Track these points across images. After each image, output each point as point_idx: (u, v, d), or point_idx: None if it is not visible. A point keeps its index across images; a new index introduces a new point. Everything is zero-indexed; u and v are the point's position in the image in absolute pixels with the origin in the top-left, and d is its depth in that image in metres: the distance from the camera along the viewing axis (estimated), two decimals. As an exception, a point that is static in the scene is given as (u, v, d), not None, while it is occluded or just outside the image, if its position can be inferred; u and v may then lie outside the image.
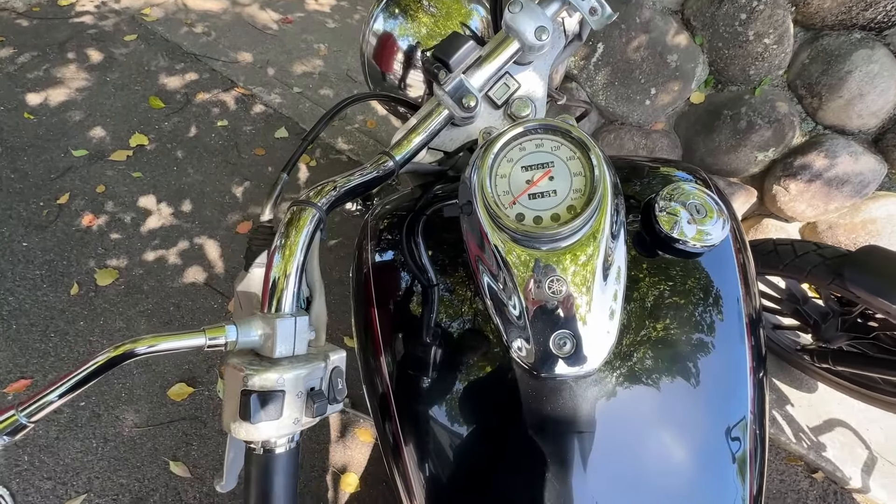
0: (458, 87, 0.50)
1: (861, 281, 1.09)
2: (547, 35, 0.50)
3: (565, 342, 0.42)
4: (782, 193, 1.82)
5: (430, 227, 0.57)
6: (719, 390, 0.46)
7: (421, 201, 0.60)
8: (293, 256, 0.39)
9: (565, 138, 0.44)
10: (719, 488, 0.44)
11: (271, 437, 0.34)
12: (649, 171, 0.58)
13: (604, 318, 0.42)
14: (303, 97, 2.13)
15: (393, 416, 0.50)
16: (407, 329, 0.52)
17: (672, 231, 0.45)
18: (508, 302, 0.44)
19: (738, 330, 0.46)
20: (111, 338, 1.29)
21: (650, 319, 0.46)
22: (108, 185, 1.61)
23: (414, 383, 0.49)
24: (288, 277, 0.38)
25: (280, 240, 0.40)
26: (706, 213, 0.45)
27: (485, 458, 0.46)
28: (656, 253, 0.49)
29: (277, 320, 0.35)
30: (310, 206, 0.41)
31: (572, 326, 0.41)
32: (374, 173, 0.49)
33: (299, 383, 0.34)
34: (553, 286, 0.42)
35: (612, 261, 0.43)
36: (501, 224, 0.42)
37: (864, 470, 1.48)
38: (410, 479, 0.49)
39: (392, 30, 0.71)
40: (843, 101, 1.61)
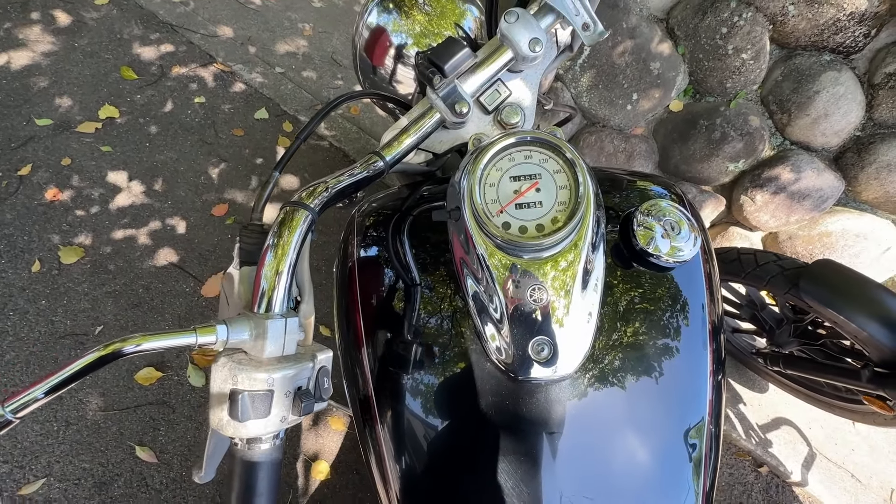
0: (451, 92, 0.51)
1: (815, 292, 1.16)
2: (540, 47, 0.51)
3: (543, 348, 0.44)
4: (749, 203, 1.91)
5: (415, 227, 0.57)
6: (681, 394, 0.49)
7: (408, 201, 0.61)
8: (285, 257, 0.39)
9: (553, 152, 0.46)
10: (677, 485, 0.47)
11: (258, 435, 0.35)
12: (629, 184, 0.60)
13: (580, 326, 0.45)
14: (285, 78, 2.07)
15: (372, 408, 0.51)
16: (389, 325, 0.53)
17: (647, 246, 0.47)
18: (490, 306, 0.46)
19: (701, 338, 0.50)
20: (75, 318, 1.25)
21: (622, 327, 0.49)
22: (75, 158, 1.54)
23: (394, 379, 0.51)
24: (279, 278, 0.38)
25: (272, 240, 0.40)
26: (679, 231, 0.48)
27: (460, 454, 0.48)
28: (631, 265, 0.51)
29: (268, 321, 0.36)
30: (302, 208, 0.41)
31: (550, 333, 0.43)
32: (364, 173, 0.49)
33: (287, 383, 0.35)
34: (534, 294, 0.44)
35: (591, 271, 0.46)
36: (488, 231, 0.44)
37: (805, 465, 1.59)
38: (387, 470, 0.50)
39: (386, 24, 0.71)
40: (809, 120, 1.69)
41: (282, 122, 1.89)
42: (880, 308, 1.10)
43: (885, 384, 1.08)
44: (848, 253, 1.83)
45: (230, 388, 0.34)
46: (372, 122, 2.06)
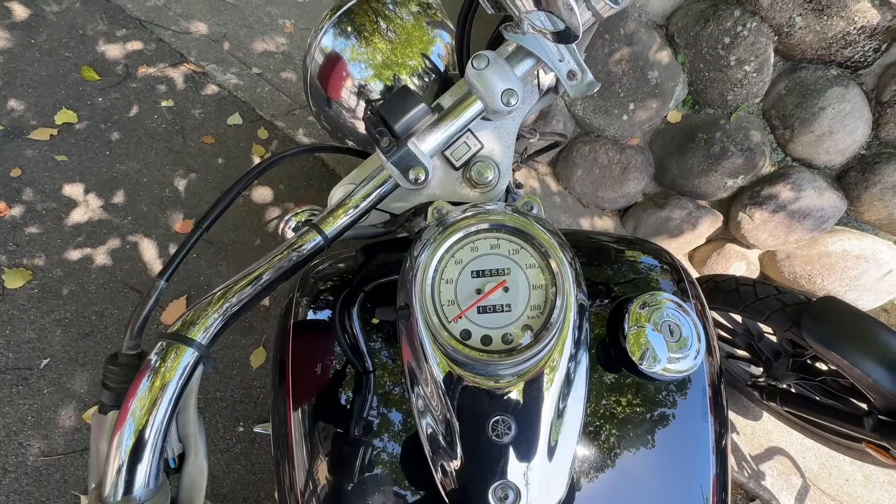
0: (404, 156, 0.41)
1: (818, 333, 1.08)
2: (516, 99, 0.41)
3: (508, 494, 0.35)
4: (747, 221, 1.83)
5: (367, 305, 0.48)
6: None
7: (363, 271, 0.51)
8: (155, 411, 0.30)
9: (525, 242, 0.37)
10: None
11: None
12: (617, 255, 0.51)
13: (555, 469, 0.36)
14: (262, 80, 1.95)
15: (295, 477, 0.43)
16: (323, 408, 0.44)
17: (642, 362, 0.38)
18: (442, 433, 0.37)
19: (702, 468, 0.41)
20: (18, 351, 1.14)
21: (605, 455, 0.40)
22: (26, 169, 1.41)
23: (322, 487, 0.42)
24: (143, 443, 0.29)
25: (139, 385, 0.30)
26: (679, 338, 0.39)
27: None
28: (619, 369, 0.42)
29: None
30: (184, 344, 0.32)
31: (516, 477, 0.35)
32: (291, 260, 0.39)
33: None
34: (497, 427, 0.35)
35: (570, 392, 0.37)
36: (442, 341, 0.35)
37: (798, 498, 1.53)
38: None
39: (342, 50, 0.60)
40: (813, 137, 1.61)
41: (257, 129, 1.77)
42: (887, 353, 1.02)
43: (890, 435, 1.01)
44: (849, 275, 1.77)
45: None
46: (354, 129, 1.95)
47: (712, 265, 2.01)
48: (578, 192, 2.11)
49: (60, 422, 1.09)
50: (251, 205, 1.57)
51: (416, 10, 0.63)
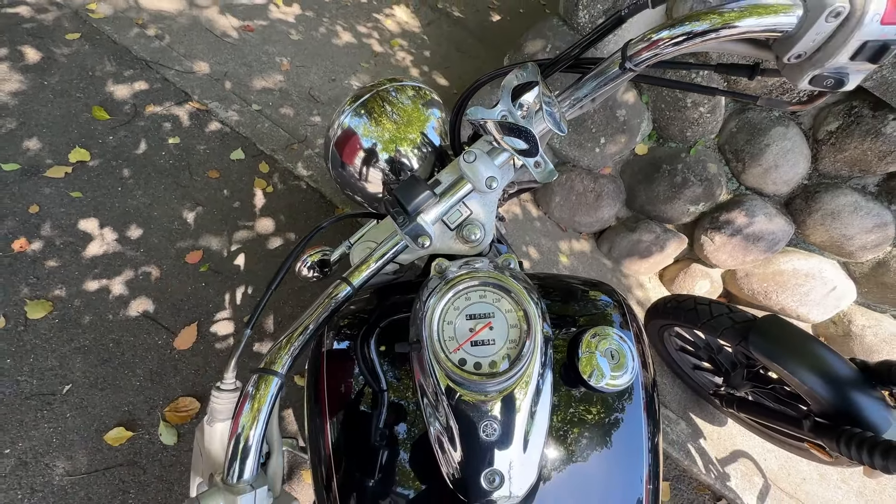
0: (414, 228, 0.55)
1: (761, 347, 1.25)
2: (496, 183, 0.56)
3: (495, 478, 0.48)
4: (708, 243, 2.02)
5: (383, 337, 0.61)
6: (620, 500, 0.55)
7: (378, 309, 0.64)
8: (256, 424, 0.42)
9: (505, 294, 0.51)
10: None
11: None
12: (580, 294, 0.65)
13: (529, 455, 0.49)
14: (261, 116, 2.08)
15: (331, 473, 0.54)
16: (351, 419, 0.57)
17: (590, 378, 0.52)
18: (446, 434, 0.50)
19: (637, 455, 0.55)
20: (42, 377, 1.23)
21: (567, 450, 0.53)
22: (44, 206, 1.51)
23: (356, 484, 0.54)
24: (249, 446, 0.41)
25: (244, 406, 0.43)
26: (620, 362, 0.53)
27: None
28: (576, 384, 0.56)
29: (239, 498, 0.39)
30: (271, 375, 0.44)
31: (502, 465, 0.48)
32: (328, 309, 0.52)
33: None
34: (487, 429, 0.48)
35: (539, 401, 0.50)
36: (445, 367, 0.48)
37: (760, 497, 1.68)
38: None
39: (357, 127, 0.75)
40: (761, 169, 1.80)
41: (258, 163, 1.89)
42: (820, 364, 1.19)
43: (824, 434, 1.17)
44: (799, 291, 1.96)
45: None
46: (349, 161, 2.09)
47: (680, 283, 2.19)
48: (557, 218, 2.28)
49: (83, 443, 1.17)
50: (256, 235, 1.68)
51: (412, 94, 0.78)
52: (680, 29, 0.44)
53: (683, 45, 0.45)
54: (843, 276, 1.93)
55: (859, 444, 1.06)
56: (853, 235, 1.77)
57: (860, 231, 1.75)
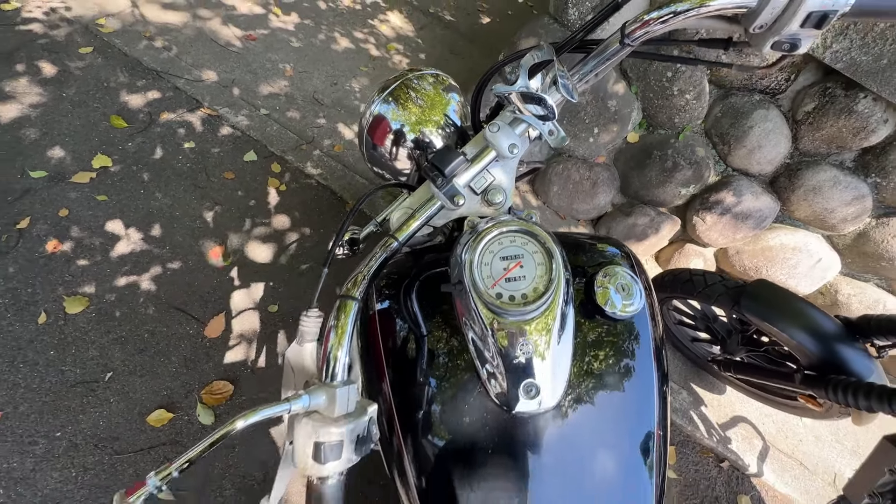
0: (450, 189, 0.65)
1: (753, 309, 1.35)
2: (517, 149, 0.66)
3: (531, 389, 0.57)
4: (700, 224, 2.13)
5: (423, 288, 0.71)
6: (636, 417, 0.64)
7: (415, 267, 0.74)
8: (343, 337, 0.51)
9: (532, 238, 0.60)
10: (637, 487, 0.61)
11: (333, 473, 0.46)
12: (590, 247, 0.75)
13: (559, 370, 0.58)
14: (270, 119, 2.17)
15: (397, 435, 0.63)
16: (406, 368, 0.66)
17: (605, 305, 0.62)
18: (489, 356, 0.59)
19: (649, 375, 0.65)
20: (84, 367, 1.30)
21: (589, 367, 0.63)
22: (72, 209, 1.59)
23: (411, 412, 0.63)
24: (339, 354, 0.50)
25: (333, 322, 0.52)
26: (629, 292, 0.63)
27: (466, 470, 0.60)
28: (594, 316, 0.66)
29: (337, 389, 0.48)
30: (351, 300, 0.54)
31: (535, 376, 0.57)
32: (385, 255, 0.62)
33: (351, 433, 0.47)
34: (522, 347, 0.57)
35: (564, 326, 0.60)
36: (485, 301, 0.57)
37: (760, 458, 1.78)
38: (409, 480, 0.62)
39: (386, 113, 0.84)
40: (746, 150, 1.92)
41: (270, 163, 1.98)
42: (807, 321, 1.30)
43: (813, 385, 1.27)
44: (787, 265, 2.07)
45: (313, 440, 0.45)
46: (355, 160, 2.18)
47: (675, 263, 2.30)
48: (555, 206, 2.39)
49: (128, 425, 1.25)
50: (273, 230, 1.77)
51: (432, 81, 0.88)
52: (666, 9, 0.55)
53: (669, 22, 0.55)
54: (827, 249, 2.05)
55: (845, 388, 1.17)
56: (834, 208, 1.88)
57: (840, 204, 1.86)
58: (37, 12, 2.18)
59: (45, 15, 2.19)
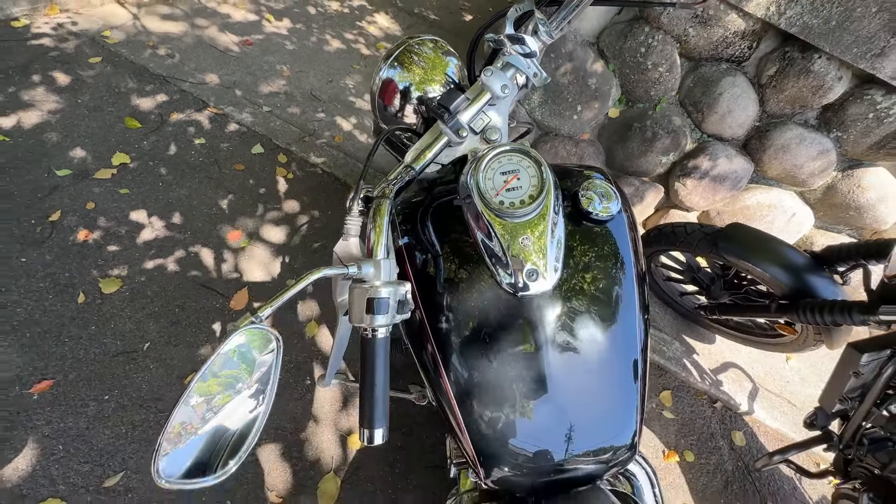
0: (455, 124, 0.79)
1: (729, 249, 1.50)
2: (507, 89, 0.80)
3: (532, 274, 0.71)
4: (682, 189, 2.28)
5: (437, 210, 0.84)
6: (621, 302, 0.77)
7: (428, 196, 0.87)
8: (381, 225, 0.64)
9: (525, 156, 0.74)
10: (626, 348, 0.75)
11: (382, 326, 0.59)
12: (577, 172, 0.89)
13: (553, 259, 0.72)
14: (272, 115, 2.31)
15: (423, 321, 0.76)
16: (429, 278, 0.79)
17: (588, 208, 0.76)
18: (496, 252, 0.72)
19: (630, 267, 0.78)
20: (123, 339, 1.42)
21: (579, 258, 0.77)
22: (98, 202, 1.72)
23: (437, 301, 0.76)
24: (381, 238, 0.63)
25: (372, 216, 0.65)
26: (608, 198, 0.77)
27: (482, 342, 0.74)
28: (581, 222, 0.80)
29: (381, 261, 0.61)
30: (384, 198, 0.67)
31: (536, 265, 0.70)
32: (406, 178, 0.75)
33: (394, 296, 0.60)
34: (524, 242, 0.71)
35: (556, 225, 0.73)
36: (491, 207, 0.71)
37: (750, 397, 1.92)
38: (434, 352, 0.75)
39: (393, 76, 0.98)
40: (718, 116, 2.08)
41: (276, 155, 2.12)
42: (778, 256, 1.44)
43: (787, 311, 1.42)
44: (764, 221, 2.22)
45: (367, 298, 0.58)
46: (354, 148, 2.32)
47: (661, 228, 2.43)
48: (547, 182, 2.52)
49: (168, 387, 1.37)
50: (284, 214, 1.90)
51: (431, 45, 1.02)
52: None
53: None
54: (800, 204, 2.20)
55: (813, 309, 1.31)
56: (802, 164, 2.04)
57: (807, 159, 2.02)
58: (45, 28, 2.31)
59: (53, 30, 2.32)
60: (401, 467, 1.40)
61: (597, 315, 0.76)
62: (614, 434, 0.75)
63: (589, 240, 0.79)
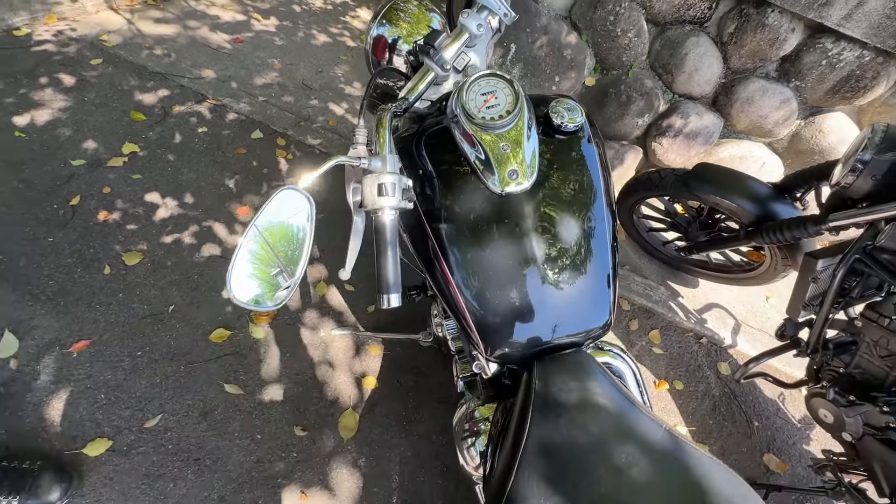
0: (440, 59, 0.92)
1: (699, 186, 1.65)
2: (482, 28, 0.94)
3: (513, 174, 0.84)
4: (658, 148, 2.43)
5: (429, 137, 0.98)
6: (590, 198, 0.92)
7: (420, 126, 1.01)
8: (385, 128, 0.78)
9: (501, 79, 0.88)
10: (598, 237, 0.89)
11: (388, 206, 0.72)
12: (550, 98, 1.04)
13: (530, 162, 0.86)
14: (268, 104, 2.44)
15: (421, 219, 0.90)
16: (428, 187, 0.93)
17: (557, 120, 0.90)
18: (482, 160, 0.86)
19: (597, 170, 0.93)
20: (149, 303, 1.55)
21: (551, 162, 0.91)
22: (113, 187, 1.84)
23: (433, 201, 0.90)
24: (384, 138, 0.77)
25: (377, 124, 0.79)
26: (574, 111, 0.91)
27: (473, 231, 0.88)
28: (553, 136, 0.94)
29: (388, 155, 0.74)
30: (386, 110, 0.81)
31: (515, 167, 0.84)
32: (402, 106, 0.89)
33: (399, 183, 0.73)
34: (505, 148, 0.85)
35: (531, 133, 0.87)
36: (475, 122, 0.85)
37: (734, 333, 2.07)
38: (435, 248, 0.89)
39: (383, 33, 1.13)
40: (686, 76, 2.23)
41: (275, 139, 2.25)
42: (743, 188, 1.59)
43: (753, 237, 1.57)
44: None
45: (377, 183, 0.72)
46: (348, 129, 2.46)
47: (642, 187, 2.58)
48: (532, 152, 2.67)
49: (194, 343, 1.50)
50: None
51: (415, 3, 1.16)
52: None
53: None
54: (769, 153, 2.36)
55: (775, 229, 1.46)
56: (767, 115, 2.20)
57: (771, 109, 2.18)
58: (46, 35, 2.44)
59: (53, 37, 2.44)
60: (413, 403, 1.53)
61: (571, 209, 0.90)
62: (593, 306, 0.90)
63: (560, 149, 0.94)
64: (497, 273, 0.88)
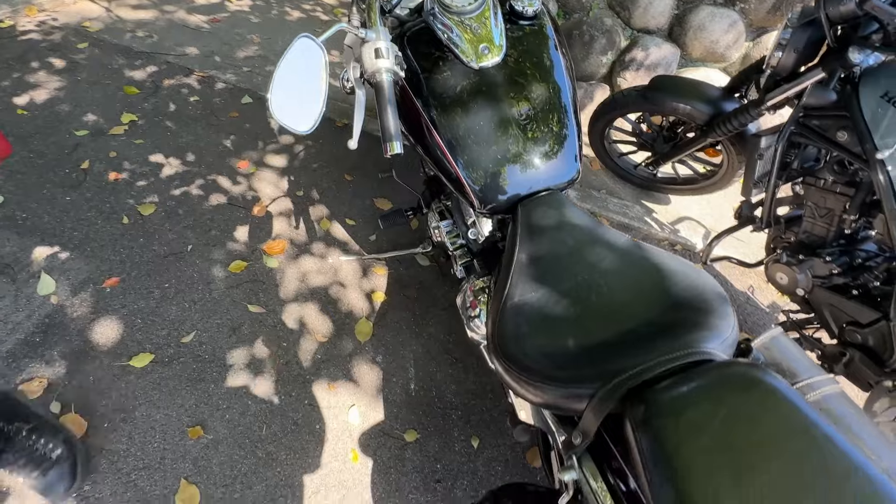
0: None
1: (656, 96, 1.84)
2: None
3: (486, 50, 1.01)
4: (623, 83, 2.62)
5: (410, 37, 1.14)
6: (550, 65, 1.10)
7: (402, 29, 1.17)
8: (375, 8, 0.93)
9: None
10: (561, 99, 1.06)
11: (384, 68, 0.88)
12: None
13: (498, 39, 1.03)
14: (253, 73, 2.58)
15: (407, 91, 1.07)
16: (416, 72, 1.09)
17: (518, 7, 1.07)
18: (457, 41, 1.03)
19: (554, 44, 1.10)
20: (169, 245, 1.70)
21: (516, 40, 1.09)
22: (119, 151, 1.97)
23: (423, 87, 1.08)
24: (374, 15, 0.93)
25: (367, 8, 0.94)
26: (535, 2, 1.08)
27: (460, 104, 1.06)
28: (514, 21, 1.11)
29: (380, 27, 0.91)
30: (380, 2, 0.96)
31: (486, 43, 1.01)
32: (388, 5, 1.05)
33: (393, 49, 0.90)
34: (475, 30, 1.01)
35: (497, 18, 1.04)
36: (450, 11, 1.01)
37: (704, 238, 2.27)
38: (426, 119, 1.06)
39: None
40: (641, 10, 2.42)
41: (265, 103, 2.38)
42: (695, 91, 1.79)
43: (710, 132, 1.76)
44: (697, 97, 2.56)
45: (374, 47, 0.88)
46: (334, 92, 2.59)
47: (612, 121, 2.76)
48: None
49: (215, 275, 1.65)
50: (282, 146, 2.17)
51: None
52: None
53: None
54: (725, 77, 2.56)
55: (724, 120, 1.66)
56: (718, 39, 2.40)
57: (721, 34, 2.38)
58: (29, 25, 2.54)
59: (37, 27, 2.54)
60: (419, 311, 1.70)
61: (536, 79, 1.08)
62: (563, 158, 1.07)
63: (523, 32, 1.12)
64: (481, 136, 1.05)
